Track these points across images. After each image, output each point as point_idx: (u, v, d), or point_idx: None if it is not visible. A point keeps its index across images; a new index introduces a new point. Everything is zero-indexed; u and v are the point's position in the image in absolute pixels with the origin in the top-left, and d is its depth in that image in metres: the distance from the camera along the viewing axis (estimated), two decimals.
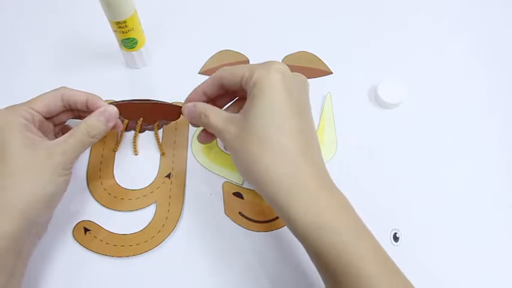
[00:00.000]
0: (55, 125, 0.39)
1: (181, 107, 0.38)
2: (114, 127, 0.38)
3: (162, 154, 0.42)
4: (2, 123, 0.33)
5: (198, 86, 0.38)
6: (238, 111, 0.34)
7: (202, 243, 0.39)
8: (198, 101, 0.37)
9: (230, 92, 0.37)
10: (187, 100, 0.38)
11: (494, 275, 0.39)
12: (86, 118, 0.36)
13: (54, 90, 0.37)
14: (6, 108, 0.35)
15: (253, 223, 0.40)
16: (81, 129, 0.35)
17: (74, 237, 0.39)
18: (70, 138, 0.34)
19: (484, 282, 0.39)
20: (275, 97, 0.31)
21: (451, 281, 0.39)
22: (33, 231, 0.33)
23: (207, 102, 0.37)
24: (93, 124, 0.35)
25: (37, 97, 0.36)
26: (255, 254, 0.39)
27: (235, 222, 0.40)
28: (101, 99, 0.37)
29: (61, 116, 0.38)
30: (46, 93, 0.36)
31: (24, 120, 0.34)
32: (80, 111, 0.38)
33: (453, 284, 0.39)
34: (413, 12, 0.53)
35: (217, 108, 0.36)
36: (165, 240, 0.39)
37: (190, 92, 0.38)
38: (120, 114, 0.38)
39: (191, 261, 0.38)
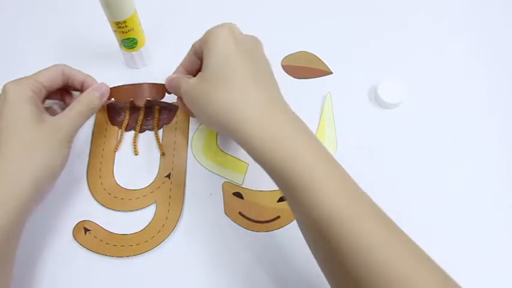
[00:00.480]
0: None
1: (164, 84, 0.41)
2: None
3: (162, 154, 0.42)
4: (13, 97, 0.34)
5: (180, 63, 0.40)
6: None
7: (202, 243, 0.39)
8: None
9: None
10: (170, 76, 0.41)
11: (494, 275, 0.39)
12: (82, 93, 0.39)
13: (55, 65, 0.39)
14: (15, 81, 0.36)
15: (253, 223, 0.40)
16: (81, 102, 0.38)
17: (74, 237, 0.39)
18: (71, 112, 0.37)
19: (485, 282, 0.39)
20: (224, 46, 0.33)
21: None
22: (37, 199, 0.35)
23: None
24: (91, 98, 0.39)
25: (42, 71, 0.38)
26: (255, 254, 0.39)
27: (235, 222, 0.40)
28: (96, 81, 0.41)
29: (54, 94, 0.40)
30: (49, 67, 0.38)
31: (32, 94, 0.35)
32: (72, 89, 0.41)
33: None
34: (413, 12, 0.53)
35: (185, 76, 0.38)
36: (165, 240, 0.39)
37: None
38: (113, 98, 0.41)
39: (191, 261, 0.38)
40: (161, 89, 0.42)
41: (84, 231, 0.39)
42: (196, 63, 0.39)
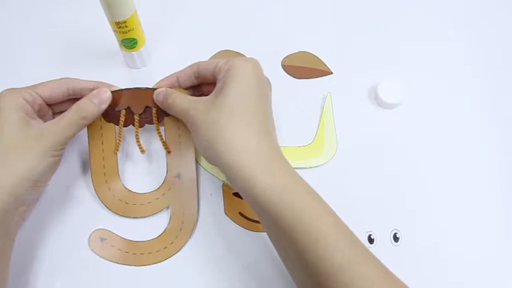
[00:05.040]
0: (54, 113, 0.40)
1: None
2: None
3: (168, 152, 0.40)
4: (3, 103, 0.34)
5: (173, 73, 0.40)
6: None
7: (202, 243, 0.39)
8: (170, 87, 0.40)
9: (203, 84, 0.40)
10: (159, 84, 0.40)
11: (494, 275, 0.39)
12: (78, 101, 0.37)
13: (59, 78, 0.38)
14: (10, 89, 0.36)
15: (253, 223, 0.40)
16: (72, 110, 0.36)
17: (90, 247, 0.38)
18: (60, 120, 0.35)
19: (485, 282, 0.39)
20: (248, 81, 0.35)
21: (452, 281, 0.39)
22: (20, 209, 0.35)
23: None
24: (85, 106, 0.37)
25: (43, 82, 0.37)
26: (255, 254, 0.39)
27: (235, 222, 0.40)
28: (110, 85, 0.40)
29: (63, 105, 0.39)
30: (52, 80, 0.38)
31: (23, 101, 0.35)
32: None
33: (453, 284, 0.39)
34: (414, 12, 0.53)
35: (184, 94, 0.38)
36: (185, 244, 0.39)
37: (165, 77, 0.40)
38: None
39: (190, 260, 0.39)
40: None
41: (99, 240, 0.38)
42: (192, 82, 0.39)
